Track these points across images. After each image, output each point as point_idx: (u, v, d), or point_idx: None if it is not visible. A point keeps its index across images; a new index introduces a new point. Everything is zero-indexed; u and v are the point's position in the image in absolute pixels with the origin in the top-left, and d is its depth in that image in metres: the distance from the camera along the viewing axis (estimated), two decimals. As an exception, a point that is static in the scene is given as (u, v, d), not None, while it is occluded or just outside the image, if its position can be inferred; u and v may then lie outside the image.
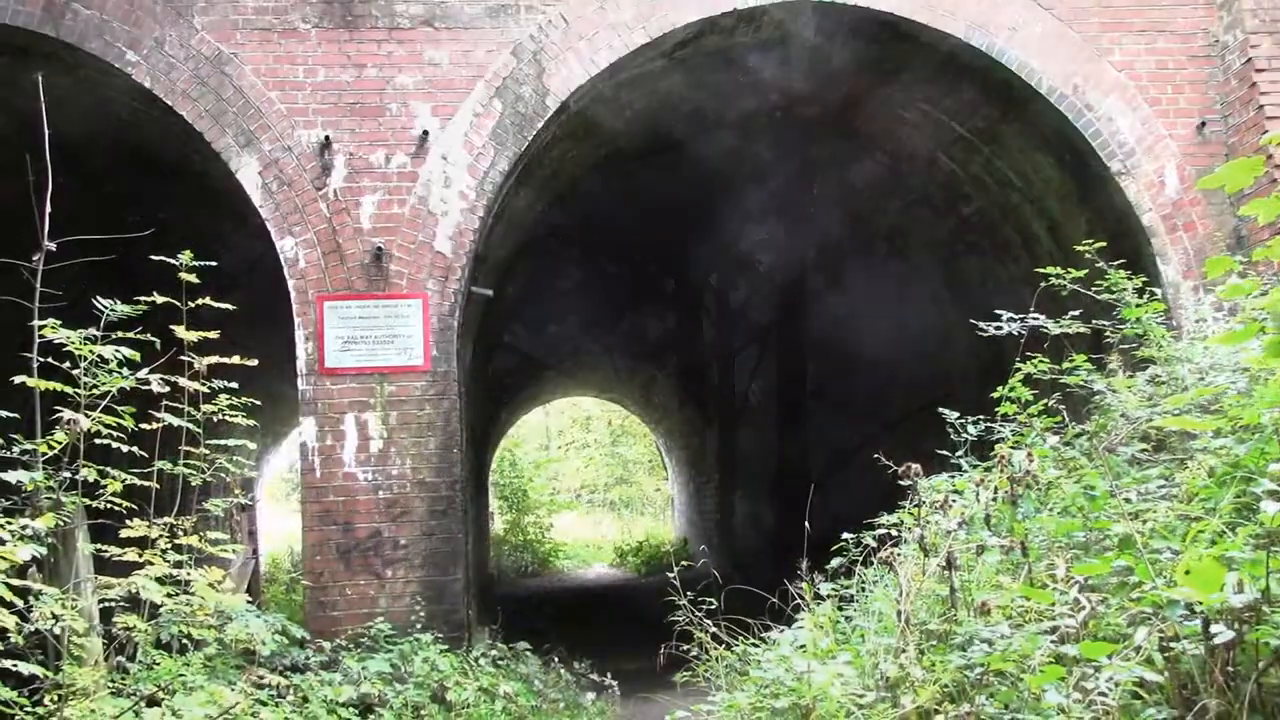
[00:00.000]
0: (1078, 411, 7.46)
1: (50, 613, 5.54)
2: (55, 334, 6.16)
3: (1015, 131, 10.65)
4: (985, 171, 11.33)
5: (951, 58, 10.19)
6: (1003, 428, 6.82)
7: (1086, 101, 10.01)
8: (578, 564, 30.45)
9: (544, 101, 9.72)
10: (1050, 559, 4.86)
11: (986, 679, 4.06)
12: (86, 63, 9.34)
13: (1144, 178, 9.97)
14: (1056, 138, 10.32)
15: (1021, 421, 6.82)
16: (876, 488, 7.62)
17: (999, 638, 4.01)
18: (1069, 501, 5.28)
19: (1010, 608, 4.47)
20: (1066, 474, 5.77)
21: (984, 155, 11.15)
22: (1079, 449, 6.45)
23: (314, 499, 9.27)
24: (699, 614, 6.30)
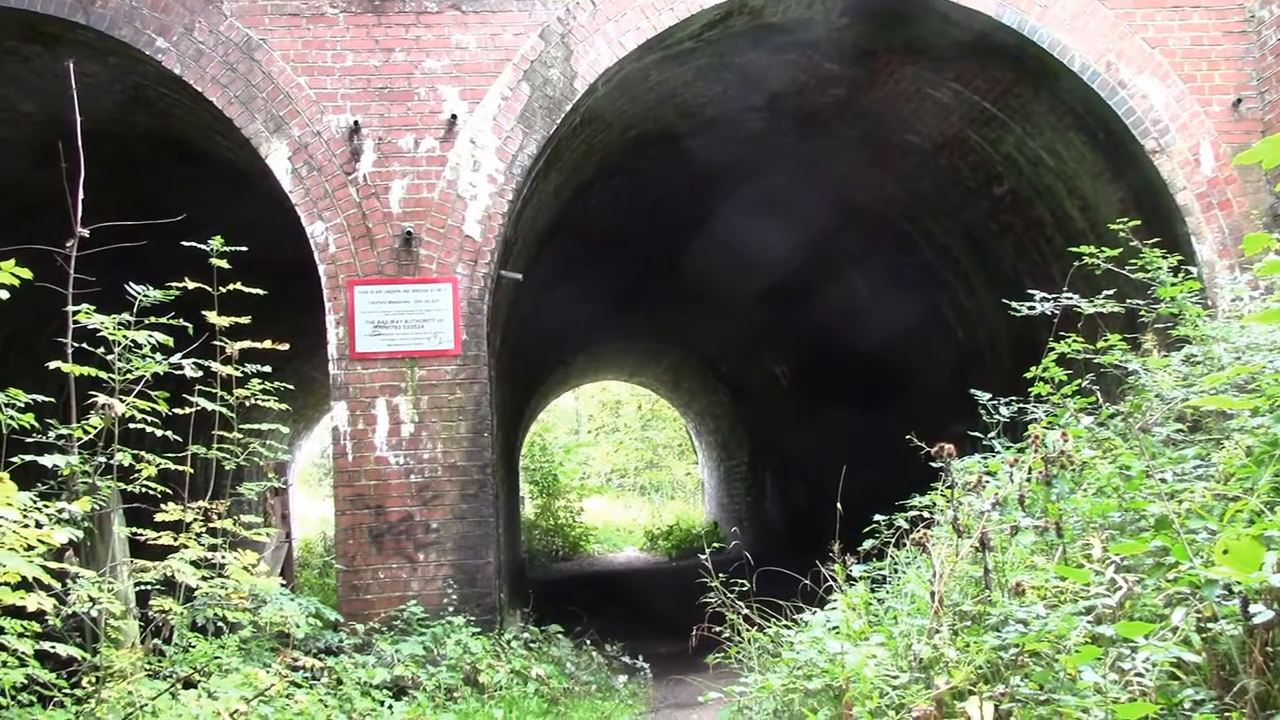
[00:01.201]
0: (1112, 392, 7.40)
1: (87, 596, 5.60)
2: (89, 319, 6.21)
3: (1047, 110, 10.55)
4: (1017, 151, 11.22)
5: (982, 36, 10.09)
6: (1036, 408, 6.77)
7: (1120, 79, 9.90)
8: (608, 548, 30.53)
9: (572, 84, 9.71)
10: (1085, 540, 4.82)
11: (1021, 660, 4.04)
12: (117, 50, 9.38)
13: (1178, 155, 9.86)
14: (1089, 115, 10.22)
15: (1055, 402, 6.77)
16: (907, 470, 7.59)
17: (1034, 618, 3.98)
18: (1104, 482, 5.24)
19: (1045, 588, 4.44)
20: (1101, 454, 5.72)
21: (1016, 134, 11.05)
22: (1113, 429, 6.39)
23: (346, 483, 9.31)
24: (731, 596, 6.29)
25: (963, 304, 13.85)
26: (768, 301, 18.62)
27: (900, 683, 4.45)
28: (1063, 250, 10.86)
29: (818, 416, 19.37)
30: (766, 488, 23.55)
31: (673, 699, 9.37)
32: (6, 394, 5.38)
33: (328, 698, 7.18)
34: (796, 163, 13.53)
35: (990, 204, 12.18)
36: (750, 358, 22.43)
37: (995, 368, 12.87)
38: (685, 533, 27.70)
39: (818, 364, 19.29)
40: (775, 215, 15.35)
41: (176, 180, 11.79)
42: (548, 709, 8.53)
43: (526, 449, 28.20)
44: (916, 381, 15.55)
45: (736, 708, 5.68)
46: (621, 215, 14.67)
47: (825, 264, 16.57)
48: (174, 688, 5.91)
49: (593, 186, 13.13)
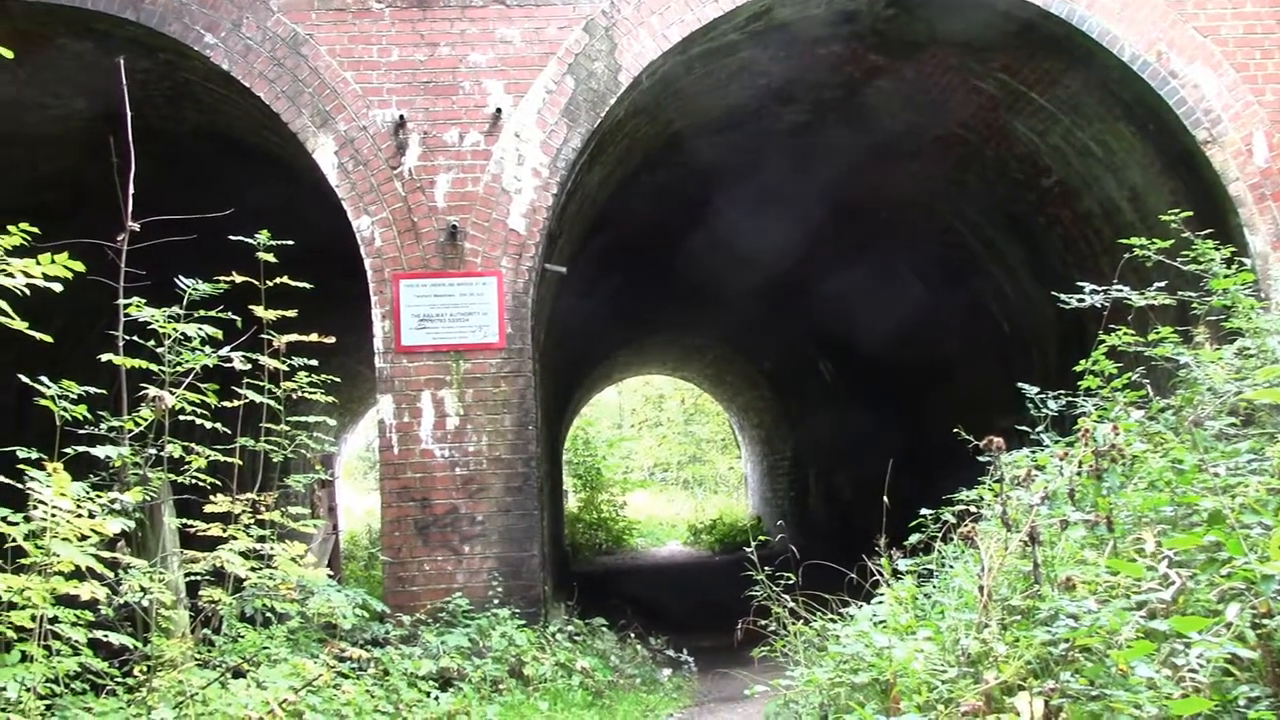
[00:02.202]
0: (1162, 386, 7.31)
1: (139, 585, 5.66)
2: (140, 312, 6.27)
3: (1096, 100, 10.42)
4: (1065, 142, 11.10)
5: (1029, 25, 9.99)
6: (1085, 402, 6.69)
7: (1170, 68, 9.77)
8: (651, 542, 30.54)
9: (616, 77, 9.70)
10: (1136, 535, 4.76)
11: (1072, 655, 3.99)
12: (166, 46, 9.48)
13: (1231, 146, 9.72)
14: (1139, 106, 10.09)
15: (1105, 395, 6.69)
16: (952, 464, 7.53)
17: (1085, 613, 3.93)
18: (1155, 476, 5.17)
19: (1095, 583, 4.39)
20: (1152, 449, 5.65)
21: (1064, 125, 10.93)
22: (1164, 423, 6.31)
23: (392, 476, 9.37)
24: (777, 589, 6.27)
25: (1009, 297, 13.72)
26: (810, 296, 18.53)
27: (948, 677, 4.41)
28: (1111, 243, 10.74)
29: (862, 411, 19.27)
30: (810, 483, 23.46)
31: (717, 693, 9.36)
32: (60, 386, 5.45)
33: (374, 688, 7.23)
34: (841, 156, 13.45)
35: (1037, 196, 12.06)
36: (793, 352, 22.33)
37: (1041, 362, 12.75)
38: (729, 527, 27.65)
39: (862, 358, 19.18)
40: (818, 209, 15.28)
41: (224, 175, 11.90)
42: (592, 702, 8.55)
43: (570, 443, 28.25)
44: (962, 376, 15.44)
45: (782, 701, 5.66)
46: (665, 209, 14.65)
47: (869, 258, 16.47)
48: (223, 677, 5.97)
49: (636, 180, 13.12)
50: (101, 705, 5.35)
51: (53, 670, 4.84)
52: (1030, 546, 4.61)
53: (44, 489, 4.48)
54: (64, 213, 11.28)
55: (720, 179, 14.07)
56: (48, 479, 4.53)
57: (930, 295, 15.93)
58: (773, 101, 12.10)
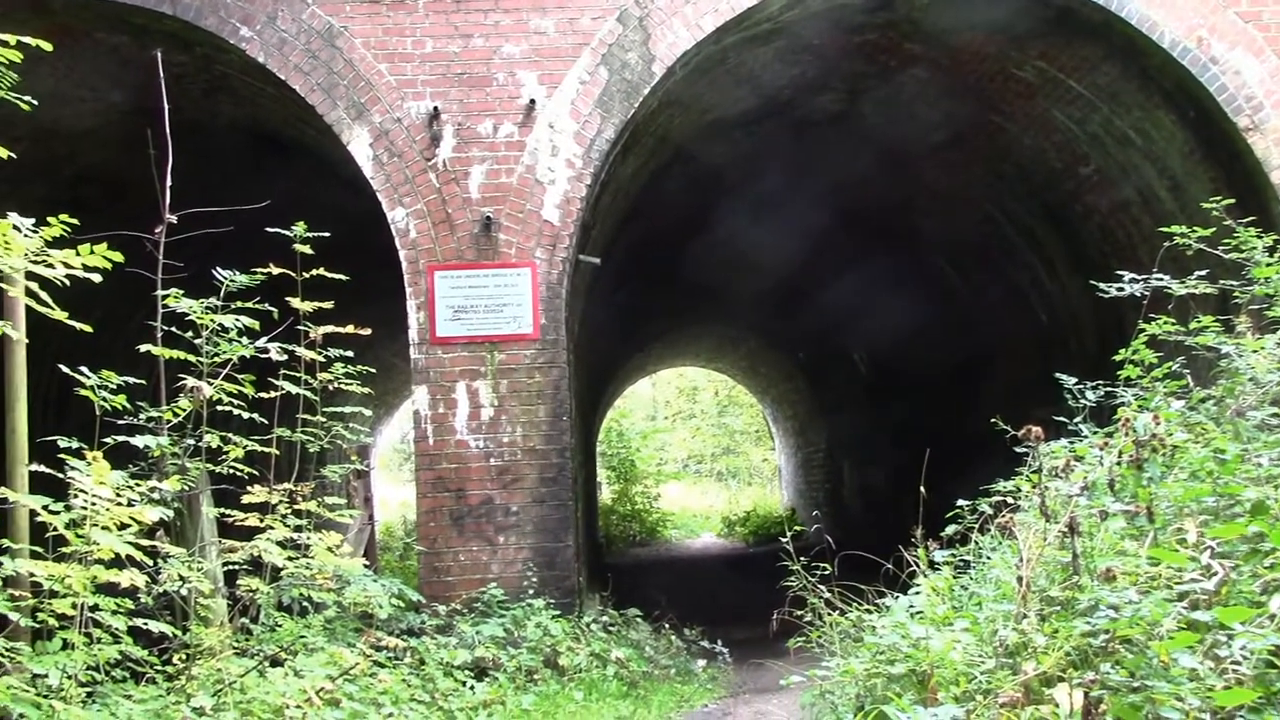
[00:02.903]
0: (1203, 376, 7.21)
1: (178, 574, 5.71)
2: (178, 303, 6.32)
3: (1136, 88, 10.30)
4: (1104, 130, 10.98)
5: (1067, 12, 9.89)
6: (1124, 392, 6.62)
7: (1211, 55, 9.65)
8: (685, 534, 30.55)
9: (650, 68, 9.68)
10: (1177, 525, 4.71)
11: (1112, 646, 3.95)
12: (202, 40, 9.54)
13: (1273, 133, 9.59)
14: (1179, 93, 9.97)
15: (1144, 385, 6.62)
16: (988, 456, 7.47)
17: (1126, 603, 3.89)
18: (1197, 466, 5.11)
19: (1136, 574, 4.34)
20: (1193, 438, 5.58)
21: (1103, 113, 10.81)
22: (1205, 413, 6.23)
23: (427, 466, 9.40)
24: (812, 580, 6.24)
25: (1046, 287, 13.60)
26: (844, 286, 18.45)
27: (986, 668, 4.38)
28: (1150, 231, 10.62)
29: (896, 402, 19.18)
30: (844, 475, 23.38)
31: (752, 684, 9.34)
32: (100, 376, 5.50)
33: (411, 677, 7.27)
34: (876, 145, 13.38)
35: (1075, 184, 11.94)
36: (828, 343, 22.25)
37: (1079, 352, 12.63)
38: (763, 519, 27.61)
39: (897, 349, 19.08)
40: (853, 199, 15.22)
41: (260, 168, 11.97)
42: (627, 692, 8.55)
43: (604, 435, 28.29)
44: (998, 366, 15.33)
45: (818, 692, 5.64)
46: (699, 199, 14.62)
47: (904, 247, 16.39)
48: (261, 666, 6.01)
49: (670, 171, 13.10)
50: (141, 693, 5.40)
51: (94, 658, 4.88)
52: (1069, 537, 4.56)
53: (84, 478, 4.52)
54: (102, 206, 11.37)
55: (753, 170, 14.03)
56: (88, 468, 4.57)
57: (966, 285, 15.83)
58: (807, 91, 12.04)
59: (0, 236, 4.42)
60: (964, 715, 3.97)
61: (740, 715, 8.19)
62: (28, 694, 4.47)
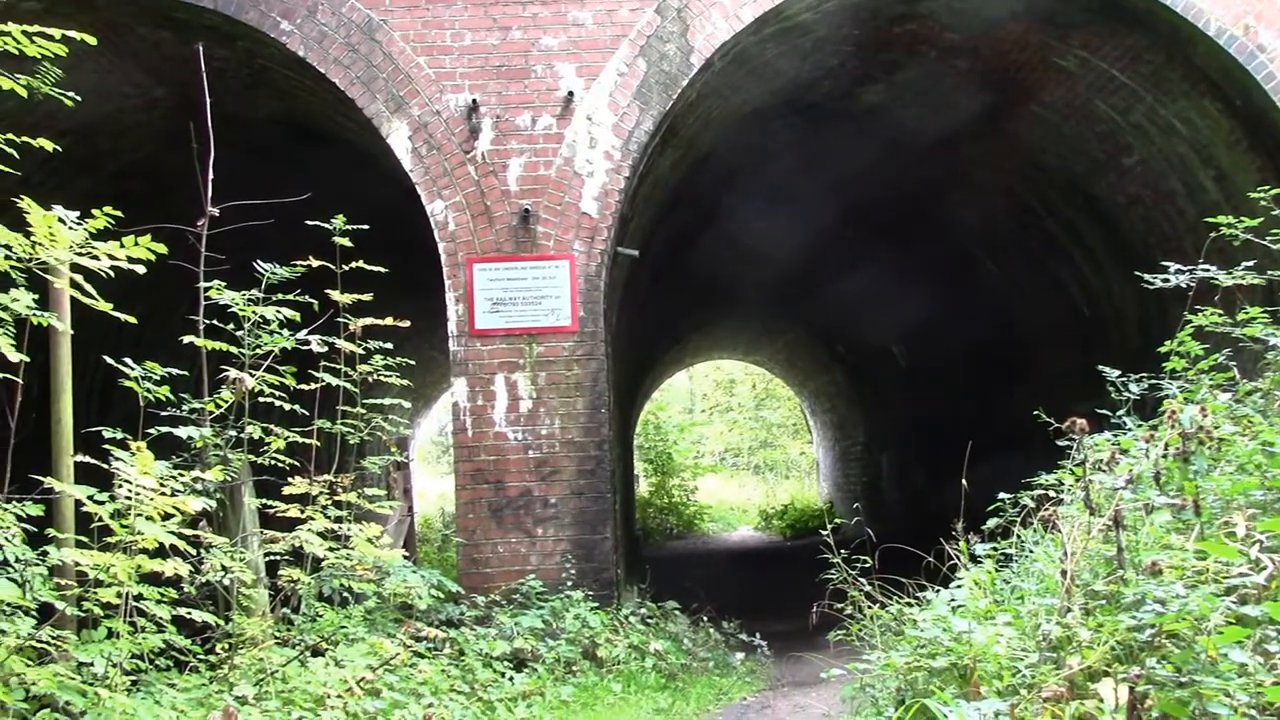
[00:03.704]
0: (1249, 368, 7.12)
1: (220, 564, 5.76)
2: (220, 295, 6.37)
3: (1180, 77, 10.17)
4: (1148, 120, 10.85)
5: (1111, 1, 9.77)
6: (1169, 385, 6.54)
7: (1259, 43, 9.50)
8: (722, 527, 30.51)
9: (688, 59, 9.65)
10: (1225, 519, 4.64)
11: (1158, 641, 3.90)
12: (243, 34, 9.59)
13: (1322, 122, 9.44)
14: (1226, 82, 9.83)
15: (1189, 377, 6.54)
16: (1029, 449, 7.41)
17: (1173, 597, 3.84)
18: (1245, 459, 5.03)
19: (1182, 568, 4.29)
20: (1241, 431, 5.50)
21: (1147, 103, 10.68)
22: (1253, 406, 6.15)
23: (466, 458, 9.43)
24: (853, 573, 6.21)
25: (1088, 279, 13.46)
26: (884, 278, 18.35)
27: (1029, 662, 4.34)
28: (1195, 222, 10.49)
29: (935, 395, 19.06)
30: (883, 468, 23.27)
31: (791, 677, 9.32)
32: (144, 367, 5.55)
33: (450, 668, 7.29)
34: (917, 136, 13.28)
35: (1118, 175, 11.81)
36: (866, 335, 22.14)
37: (1121, 345, 12.50)
38: (800, 512, 27.54)
39: (936, 341, 18.96)
40: (893, 191, 15.12)
41: (300, 161, 12.02)
42: (665, 684, 8.55)
43: (640, 427, 28.27)
44: (1038, 359, 15.20)
45: (859, 685, 5.62)
46: (737, 191, 14.57)
47: (943, 239, 16.27)
48: (303, 655, 6.05)
49: (708, 162, 13.06)
50: (185, 681, 5.45)
51: (138, 646, 4.93)
52: (1114, 531, 4.51)
53: (129, 468, 4.56)
54: (146, 200, 11.47)
55: (791, 161, 13.96)
56: (132, 458, 4.61)
57: (1006, 277, 15.69)
58: (847, 81, 11.97)
59: (46, 229, 4.46)
60: (1008, 709, 3.93)
61: (779, 709, 8.17)
62: (74, 681, 4.52)
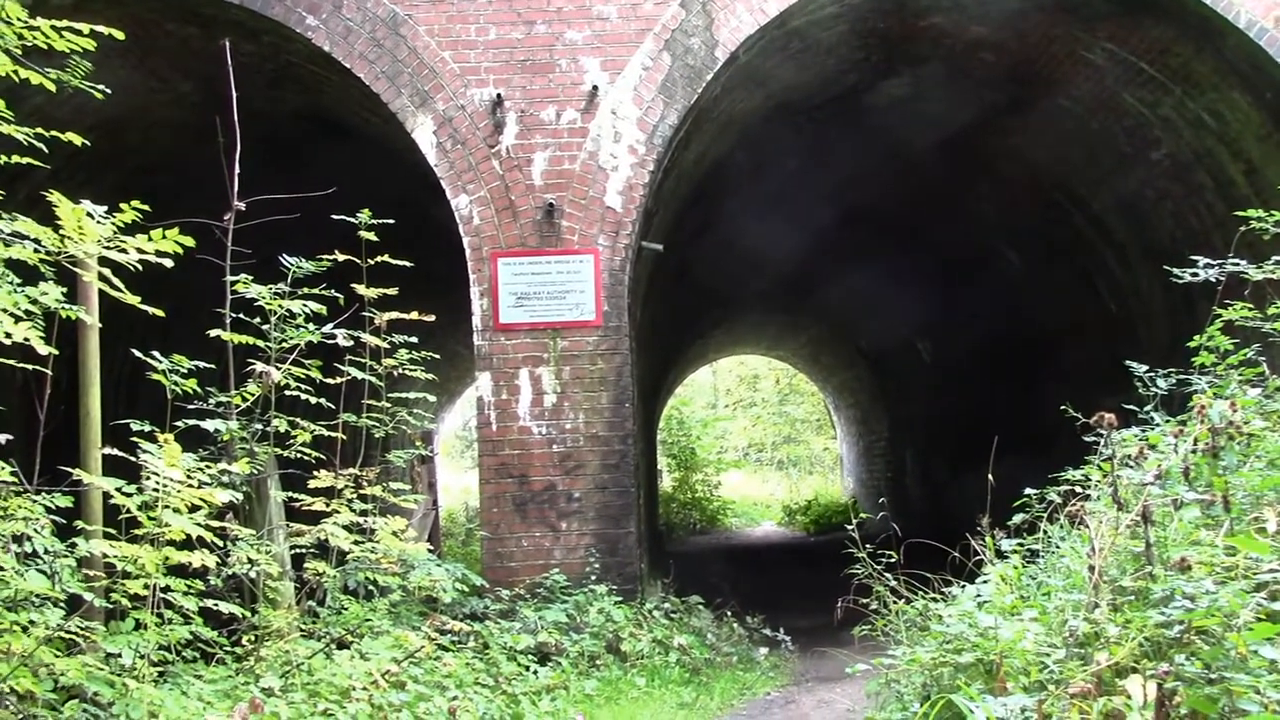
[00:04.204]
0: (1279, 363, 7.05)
1: (246, 557, 5.79)
2: (247, 289, 6.39)
3: (1210, 70, 10.08)
4: (1176, 114, 10.76)
5: (1139, -7, 9.71)
6: (1198, 380, 6.49)
7: (1289, 35, 9.41)
8: (745, 522, 30.48)
9: (713, 53, 9.63)
10: (1254, 514, 4.61)
11: (1187, 637, 3.87)
12: (269, 29, 9.62)
13: (1353, 115, 9.35)
14: (1256, 75, 9.74)
15: (1219, 372, 6.48)
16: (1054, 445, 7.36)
17: (1203, 593, 3.81)
18: (1275, 454, 4.99)
19: (1212, 564, 4.25)
20: (1271, 426, 5.45)
21: (1175, 96, 10.60)
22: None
23: (490, 452, 9.45)
24: (878, 568, 6.19)
25: (1115, 274, 13.37)
26: (907, 272, 18.29)
27: (1056, 658, 4.31)
28: (1225, 217, 10.40)
29: (960, 391, 18.99)
30: (907, 463, 23.20)
31: (815, 672, 9.30)
32: (171, 360, 5.58)
33: (474, 661, 7.31)
34: (940, 130, 13.21)
35: (1146, 169, 11.72)
36: (891, 331, 22.06)
37: (1149, 340, 12.41)
38: (824, 508, 27.46)
39: (960, 336, 18.88)
40: (916, 184, 15.06)
41: (325, 156, 12.07)
42: (689, 679, 8.55)
43: (664, 422, 28.26)
44: (1064, 354, 15.11)
45: (884, 680, 5.59)
46: (760, 185, 14.54)
47: (967, 234, 16.19)
48: (328, 648, 6.08)
49: (733, 156, 13.03)
50: (211, 673, 5.48)
51: (165, 638, 4.96)
52: (1142, 526, 4.48)
53: (156, 460, 4.59)
54: (173, 194, 11.53)
55: (814, 155, 13.92)
56: (159, 451, 4.64)
57: (1032, 272, 15.60)
58: (872, 74, 11.93)
59: (75, 223, 4.49)
60: (1034, 705, 3.91)
61: (804, 703, 8.16)
62: (102, 672, 4.55)
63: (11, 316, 4.30)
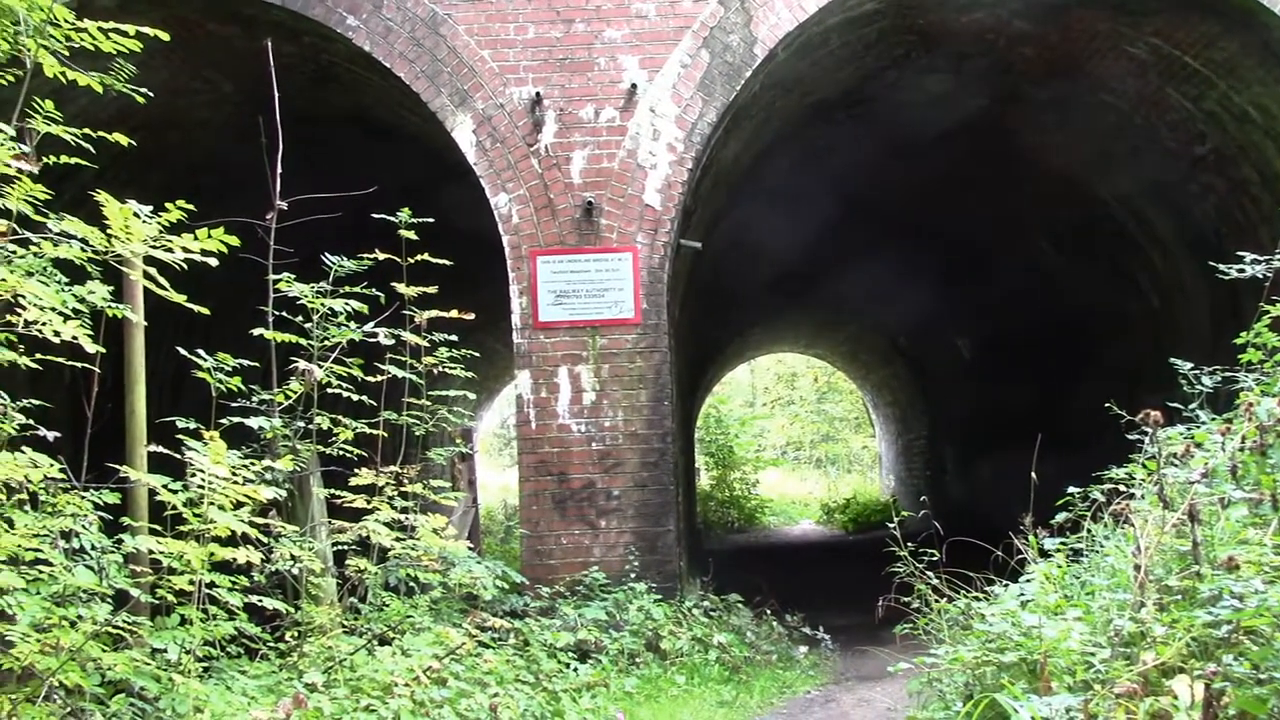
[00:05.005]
0: (1328, 360, 6.95)
1: (289, 554, 5.83)
2: (289, 288, 6.44)
3: (1256, 63, 9.95)
4: (1221, 108, 10.63)
5: (1185, -13, 9.60)
6: (1244, 377, 6.41)
7: (1338, 27, 9.28)
8: (784, 521, 30.37)
9: (752, 50, 9.61)
10: (1304, 513, 4.54)
11: (1236, 637, 3.83)
12: (309, 29, 9.69)
13: (1403, 108, 9.20)
14: (1303, 67, 9.62)
15: (1266, 370, 6.39)
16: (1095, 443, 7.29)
17: (1252, 593, 3.76)
18: (1324, 453, 4.92)
19: (1260, 563, 4.20)
20: (1320, 424, 5.37)
21: (1220, 90, 10.47)
22: (1332, 399, 6.00)
23: (530, 450, 9.47)
24: (920, 566, 6.16)
25: (1157, 269, 13.23)
26: (948, 272, 18.18)
27: (1101, 658, 4.27)
28: (1271, 211, 10.28)
29: (1001, 389, 18.84)
30: (947, 462, 23.06)
31: (855, 671, 9.26)
32: (216, 358, 5.63)
33: (515, 658, 7.33)
34: (980, 127, 13.12)
35: (1190, 164, 11.59)
36: (930, 329, 21.94)
37: (1192, 337, 12.27)
38: (863, 507, 27.32)
39: (1001, 334, 18.74)
40: (955, 182, 14.95)
41: (365, 155, 12.14)
42: (729, 677, 8.54)
43: (701, 421, 28.21)
44: (1106, 351, 14.96)
45: (926, 679, 5.56)
46: (798, 183, 14.49)
47: (1008, 230, 16.07)
48: (370, 644, 6.11)
49: (772, 153, 12.99)
50: (255, 668, 5.53)
51: (210, 633, 5.01)
52: (1189, 525, 4.43)
53: (201, 457, 4.63)
54: (215, 193, 11.63)
55: (852, 152, 13.86)
56: (205, 448, 4.68)
57: (1073, 268, 15.46)
58: (911, 71, 11.85)
59: (121, 222, 4.53)
60: (1080, 705, 3.87)
61: (844, 702, 8.13)
62: (148, 667, 4.60)
63: (60, 315, 4.35)
